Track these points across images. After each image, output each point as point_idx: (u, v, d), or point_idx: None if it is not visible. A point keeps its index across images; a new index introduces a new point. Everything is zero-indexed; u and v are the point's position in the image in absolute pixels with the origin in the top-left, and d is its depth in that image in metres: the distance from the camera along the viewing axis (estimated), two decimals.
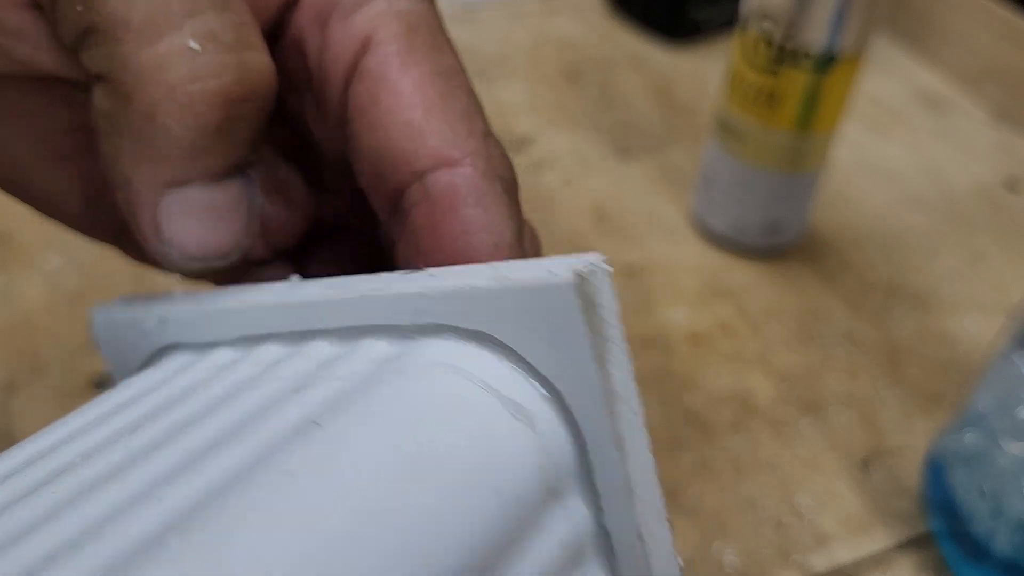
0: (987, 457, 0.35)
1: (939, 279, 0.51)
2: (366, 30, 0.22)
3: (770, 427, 0.42)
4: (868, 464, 0.41)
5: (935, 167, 0.61)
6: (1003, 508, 0.33)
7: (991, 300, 0.50)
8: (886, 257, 0.53)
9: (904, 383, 0.45)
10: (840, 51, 0.43)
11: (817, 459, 0.40)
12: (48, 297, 0.44)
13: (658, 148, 0.59)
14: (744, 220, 0.50)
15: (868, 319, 0.48)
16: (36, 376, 0.40)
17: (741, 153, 0.48)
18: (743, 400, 0.43)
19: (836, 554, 0.37)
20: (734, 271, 0.50)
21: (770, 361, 0.45)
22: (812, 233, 0.53)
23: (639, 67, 0.67)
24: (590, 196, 0.54)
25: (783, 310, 0.48)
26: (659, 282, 0.49)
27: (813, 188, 0.50)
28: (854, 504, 0.39)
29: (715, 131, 0.49)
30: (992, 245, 0.54)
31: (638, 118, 0.62)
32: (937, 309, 0.49)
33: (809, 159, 0.47)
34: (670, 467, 0.39)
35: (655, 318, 0.46)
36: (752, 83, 0.46)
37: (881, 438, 0.42)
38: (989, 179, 0.60)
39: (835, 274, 0.51)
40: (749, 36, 0.45)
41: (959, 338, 0.48)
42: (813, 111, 0.45)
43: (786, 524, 0.38)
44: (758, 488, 0.39)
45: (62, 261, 0.45)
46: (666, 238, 0.52)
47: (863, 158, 0.61)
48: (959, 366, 0.46)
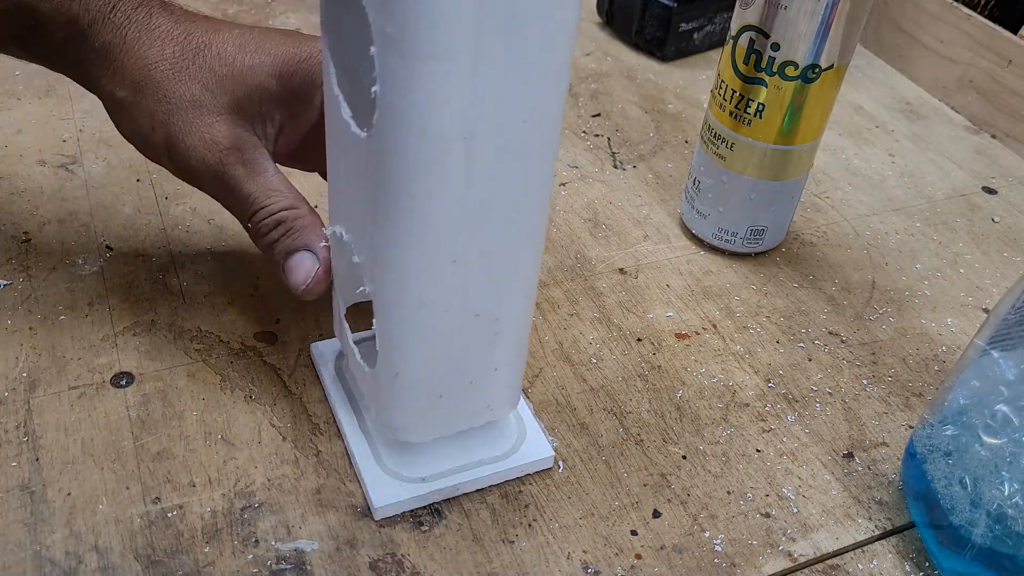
0: (967, 450, 0.36)
1: (919, 280, 0.53)
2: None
3: (756, 421, 0.43)
4: (851, 457, 0.42)
5: (915, 173, 0.62)
6: (982, 499, 0.35)
7: (970, 300, 0.52)
8: (868, 259, 0.54)
9: (885, 379, 0.46)
10: (824, 62, 0.45)
11: (802, 452, 0.42)
12: (69, 297, 0.45)
13: (650, 156, 0.61)
14: (730, 225, 0.51)
15: (851, 318, 0.49)
16: (56, 374, 0.41)
17: (728, 160, 0.49)
18: (731, 395, 0.44)
19: (820, 543, 0.38)
20: (722, 272, 0.52)
21: (756, 358, 0.46)
22: (796, 236, 0.55)
23: (631, 78, 0.69)
24: (585, 201, 0.56)
25: (768, 310, 0.49)
26: (650, 283, 0.50)
27: (797, 194, 0.51)
28: (837, 495, 0.40)
29: (703, 139, 0.51)
30: (970, 247, 0.56)
31: (630, 127, 0.63)
32: (918, 308, 0.51)
33: (793, 166, 0.49)
34: (661, 458, 0.41)
35: (646, 317, 0.48)
36: (739, 93, 0.47)
37: (863, 432, 0.43)
38: (967, 184, 0.62)
39: (819, 275, 0.52)
40: (737, 48, 0.46)
41: (939, 336, 0.49)
42: (798, 120, 0.47)
43: (772, 514, 0.39)
44: (745, 479, 0.40)
45: (83, 263, 0.47)
46: (657, 241, 0.53)
47: (846, 164, 0.62)
48: (939, 363, 0.47)
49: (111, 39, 0.37)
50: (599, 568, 0.36)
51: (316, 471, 0.38)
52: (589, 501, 0.39)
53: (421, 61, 0.26)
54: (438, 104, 0.27)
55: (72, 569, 0.34)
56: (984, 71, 0.67)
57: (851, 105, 0.69)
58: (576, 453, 0.41)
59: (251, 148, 0.38)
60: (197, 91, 0.37)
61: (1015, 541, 0.34)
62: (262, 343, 0.44)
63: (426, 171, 0.28)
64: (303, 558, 0.35)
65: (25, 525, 0.35)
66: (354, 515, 0.37)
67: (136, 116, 0.38)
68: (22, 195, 0.51)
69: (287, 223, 0.38)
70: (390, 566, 0.35)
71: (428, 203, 0.29)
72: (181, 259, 0.48)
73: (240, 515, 0.36)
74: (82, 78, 0.40)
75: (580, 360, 0.45)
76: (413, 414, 0.36)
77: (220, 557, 0.35)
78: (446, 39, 0.26)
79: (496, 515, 0.38)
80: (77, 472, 0.37)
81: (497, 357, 0.35)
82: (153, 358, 0.42)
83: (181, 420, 0.40)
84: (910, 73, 0.73)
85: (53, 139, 0.55)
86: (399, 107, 0.27)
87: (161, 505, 0.36)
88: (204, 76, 0.37)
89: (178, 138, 0.37)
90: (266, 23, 0.69)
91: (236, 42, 0.38)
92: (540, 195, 0.31)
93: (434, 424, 0.37)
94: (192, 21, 0.39)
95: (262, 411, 0.41)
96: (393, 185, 0.29)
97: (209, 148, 0.37)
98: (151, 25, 0.38)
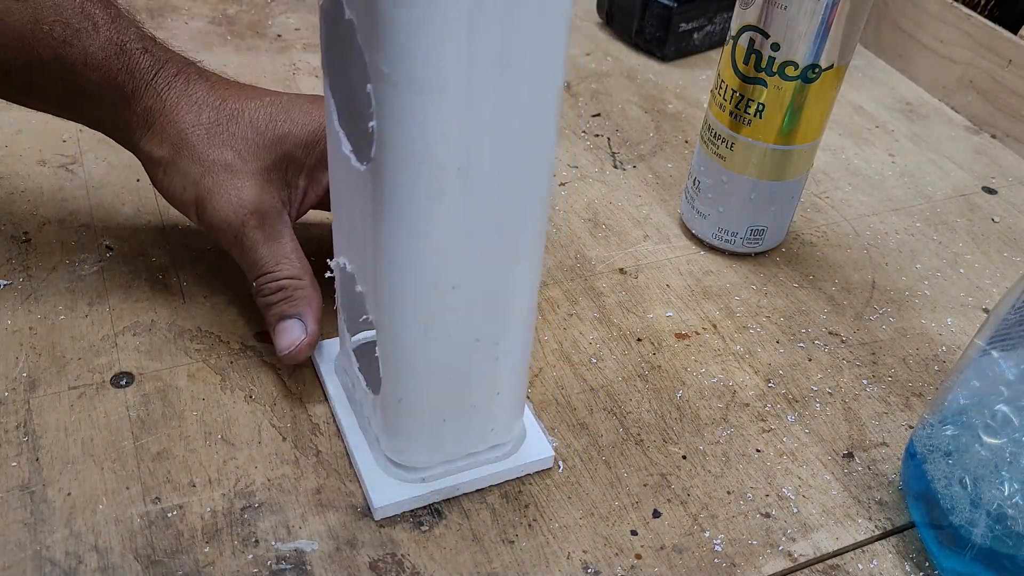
0: (966, 450, 0.36)
1: (919, 280, 0.53)
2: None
3: (756, 421, 0.43)
4: (851, 457, 0.42)
5: (915, 173, 0.62)
6: (981, 499, 0.35)
7: (970, 300, 0.52)
8: (868, 259, 0.54)
9: (885, 379, 0.46)
10: (824, 62, 0.45)
11: (801, 452, 0.42)
12: (69, 297, 0.45)
13: (650, 156, 0.61)
14: (730, 225, 0.51)
15: (851, 318, 0.49)
16: (56, 374, 0.41)
17: (728, 160, 0.49)
18: (731, 395, 0.44)
19: (820, 543, 0.38)
20: (722, 272, 0.52)
21: (756, 358, 0.46)
22: (796, 236, 0.55)
23: (631, 78, 0.69)
24: (585, 201, 0.56)
25: (768, 310, 0.49)
26: (650, 283, 0.50)
27: (798, 194, 0.51)
28: (837, 495, 0.40)
29: (703, 139, 0.51)
30: (970, 247, 0.56)
31: (630, 127, 0.63)
32: (918, 308, 0.51)
33: (794, 166, 0.49)
34: (661, 458, 0.41)
35: (646, 317, 0.48)
36: (739, 93, 0.47)
37: (863, 432, 0.43)
38: (967, 184, 0.62)
39: (819, 275, 0.52)
40: (737, 48, 0.46)
41: (939, 336, 0.49)
42: (798, 120, 0.47)
43: (772, 514, 0.39)
44: (745, 479, 0.40)
45: (83, 263, 0.47)
46: (657, 241, 0.53)
47: (846, 164, 0.62)
48: (939, 363, 0.47)
49: (152, 104, 0.41)
50: (599, 568, 0.36)
51: (316, 471, 0.38)
52: (589, 501, 0.39)
53: (415, 95, 0.27)
54: (433, 136, 0.28)
55: (72, 569, 0.34)
56: (984, 71, 0.67)
57: (851, 105, 0.69)
58: (576, 453, 0.41)
59: (272, 215, 0.41)
60: (230, 156, 0.41)
61: (1015, 541, 0.34)
62: (262, 343, 0.44)
63: (424, 200, 0.29)
64: (303, 558, 0.35)
65: (25, 525, 0.35)
66: (354, 515, 0.37)
67: (172, 175, 0.41)
68: (22, 195, 0.51)
69: (287, 291, 0.41)
70: (390, 566, 0.35)
71: (427, 231, 0.30)
72: (181, 259, 0.48)
73: (240, 515, 0.36)
74: (124, 138, 0.43)
75: (580, 360, 0.45)
76: (417, 439, 0.37)
77: (220, 557, 0.35)
78: (438, 74, 0.27)
79: (496, 515, 0.38)
80: (77, 472, 0.37)
81: (499, 381, 0.36)
82: (153, 358, 0.42)
83: (181, 420, 0.40)
84: (910, 73, 0.73)
85: (53, 139, 0.55)
86: (396, 140, 0.28)
87: (161, 505, 0.36)
88: (236, 143, 0.41)
89: (207, 198, 0.40)
90: (265, 23, 0.69)
91: (267, 111, 0.42)
92: (536, 220, 0.32)
93: (439, 448, 0.37)
94: (226, 88, 0.42)
95: (262, 411, 0.41)
96: (392, 215, 0.30)
97: (234, 210, 0.40)
98: (189, 92, 0.41)
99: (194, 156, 0.40)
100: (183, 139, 0.40)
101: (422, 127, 0.28)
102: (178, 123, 0.41)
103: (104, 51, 0.40)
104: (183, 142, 0.40)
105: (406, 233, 0.30)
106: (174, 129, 0.41)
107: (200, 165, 0.40)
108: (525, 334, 0.35)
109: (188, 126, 0.41)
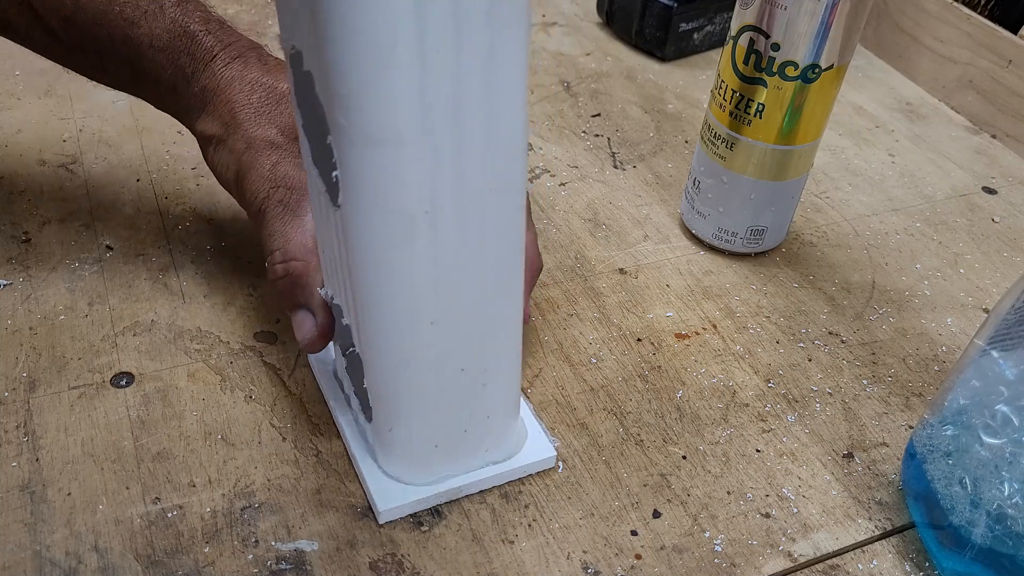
0: (967, 450, 0.36)
1: (919, 280, 0.53)
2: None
3: (756, 421, 0.43)
4: (851, 457, 0.42)
5: (915, 173, 0.62)
6: (981, 499, 0.35)
7: (970, 300, 0.52)
8: (868, 259, 0.54)
9: (885, 379, 0.46)
10: (824, 62, 0.45)
11: (801, 452, 0.42)
12: (69, 297, 0.45)
13: (650, 156, 0.61)
14: (730, 225, 0.51)
15: (851, 318, 0.49)
16: (56, 374, 0.41)
17: (728, 160, 0.49)
18: (731, 395, 0.44)
19: (820, 543, 0.38)
20: (722, 272, 0.52)
21: (756, 358, 0.46)
22: (796, 236, 0.55)
23: (631, 78, 0.69)
24: (585, 201, 0.56)
25: (768, 310, 0.49)
26: (650, 283, 0.50)
27: (797, 194, 0.51)
28: (837, 495, 0.40)
29: (703, 139, 0.51)
30: (970, 247, 0.56)
31: (630, 127, 0.63)
32: (918, 308, 0.51)
33: (794, 166, 0.49)
34: (661, 458, 0.41)
35: (646, 317, 0.48)
36: (739, 93, 0.47)
37: (863, 432, 0.43)
38: (967, 184, 0.62)
39: (819, 275, 0.52)
40: (737, 48, 0.46)
41: (938, 336, 0.49)
42: (798, 120, 0.47)
43: (772, 514, 0.39)
44: (745, 479, 0.40)
45: (83, 263, 0.47)
46: (657, 241, 0.53)
47: (846, 164, 0.62)
48: (939, 363, 0.47)
49: (208, 83, 0.42)
50: (599, 568, 0.36)
51: (316, 471, 0.38)
52: (589, 501, 0.39)
53: (373, 148, 0.27)
54: (395, 185, 0.28)
55: (72, 569, 0.34)
56: (984, 71, 0.67)
57: (851, 105, 0.69)
58: (576, 453, 0.41)
59: (300, 192, 0.40)
60: (273, 133, 0.41)
61: (1015, 541, 0.34)
62: (262, 343, 0.44)
63: (392, 244, 0.30)
64: (303, 558, 0.35)
65: (25, 525, 0.35)
66: (354, 515, 0.37)
67: (220, 152, 0.42)
68: (22, 195, 0.51)
69: (292, 277, 0.39)
70: (390, 566, 0.35)
71: (398, 272, 0.30)
72: (181, 259, 0.48)
73: (240, 515, 0.36)
74: (184, 118, 0.44)
75: (580, 360, 0.45)
76: (412, 463, 0.37)
77: (220, 557, 0.35)
78: (394, 127, 0.27)
79: (496, 515, 0.38)
80: (77, 472, 0.37)
81: (488, 406, 0.36)
82: (153, 358, 0.42)
83: (181, 420, 0.40)
84: (910, 73, 0.73)
85: (53, 139, 0.55)
86: (360, 189, 0.29)
87: (161, 505, 0.36)
88: (282, 121, 0.41)
89: (246, 172, 0.41)
90: (265, 23, 0.69)
91: None
92: (511, 254, 0.32)
93: (435, 470, 0.37)
94: (281, 71, 0.43)
95: (262, 411, 0.41)
96: (363, 257, 0.30)
97: (265, 180, 0.40)
98: (244, 73, 0.42)
99: (240, 133, 0.41)
100: (233, 117, 0.41)
101: (384, 177, 0.28)
102: (230, 102, 0.41)
103: (169, 32, 0.41)
104: (233, 120, 0.41)
105: (378, 276, 0.31)
106: (226, 108, 0.41)
107: (244, 142, 0.41)
108: (512, 360, 0.36)
109: (239, 105, 0.41)
